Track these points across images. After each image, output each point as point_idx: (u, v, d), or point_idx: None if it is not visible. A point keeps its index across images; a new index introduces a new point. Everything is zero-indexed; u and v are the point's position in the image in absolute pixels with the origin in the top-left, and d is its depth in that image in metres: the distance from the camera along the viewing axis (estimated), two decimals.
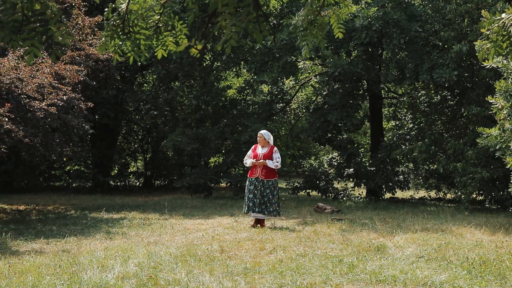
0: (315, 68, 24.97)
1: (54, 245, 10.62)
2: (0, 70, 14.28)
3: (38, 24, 3.67)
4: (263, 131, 13.33)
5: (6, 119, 13.24)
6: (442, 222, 13.55)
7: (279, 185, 13.77)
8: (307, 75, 26.14)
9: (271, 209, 12.94)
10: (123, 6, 4.23)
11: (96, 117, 26.39)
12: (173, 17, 4.26)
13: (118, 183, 30.57)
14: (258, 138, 13.29)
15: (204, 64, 23.29)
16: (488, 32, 5.76)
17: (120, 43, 4.44)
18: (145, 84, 29.72)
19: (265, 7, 23.45)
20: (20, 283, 6.99)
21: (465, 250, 9.32)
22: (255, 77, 21.71)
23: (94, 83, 20.29)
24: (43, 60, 16.55)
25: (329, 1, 5.54)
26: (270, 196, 12.94)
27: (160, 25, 4.35)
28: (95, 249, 9.95)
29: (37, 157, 19.41)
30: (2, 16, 3.53)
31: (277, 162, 12.99)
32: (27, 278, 7.21)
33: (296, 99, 29.92)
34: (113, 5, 4.53)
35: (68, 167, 32.37)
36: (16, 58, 15.19)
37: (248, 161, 13.18)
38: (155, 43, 4.49)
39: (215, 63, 24.22)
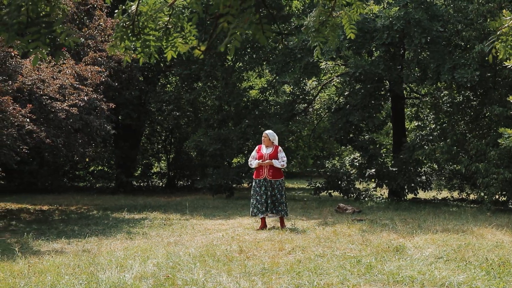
0: (337, 68, 24.92)
1: (75, 245, 10.72)
2: (22, 71, 14.41)
3: (43, 26, 3.71)
4: (268, 131, 13.17)
5: (28, 119, 13.37)
6: (463, 223, 13.46)
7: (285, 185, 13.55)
8: (330, 75, 26.09)
9: (280, 208, 12.86)
10: (133, 7, 4.26)
11: (119, 118, 26.57)
12: (182, 19, 4.28)
13: (142, 184, 30.73)
14: (262, 138, 13.13)
15: (226, 65, 23.30)
16: (498, 33, 5.74)
17: (130, 44, 4.48)
18: (168, 85, 29.83)
19: (287, 8, 23.49)
20: (39, 282, 7.06)
21: (485, 251, 9.26)
22: (277, 77, 21.71)
23: (116, 84, 20.41)
24: (64, 61, 16.70)
25: (341, 2, 5.54)
26: (278, 196, 12.83)
27: (170, 26, 4.38)
28: (115, 249, 10.02)
29: (60, 157, 19.54)
30: (7, 18, 3.58)
31: (283, 161, 12.89)
32: (46, 278, 7.28)
33: (318, 99, 29.88)
34: (124, 7, 4.58)
35: (92, 168, 32.61)
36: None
37: (253, 162, 13.00)
38: (164, 44, 4.52)
39: (237, 63, 24.25)
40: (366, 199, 21.06)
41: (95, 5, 19.62)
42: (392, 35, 17.70)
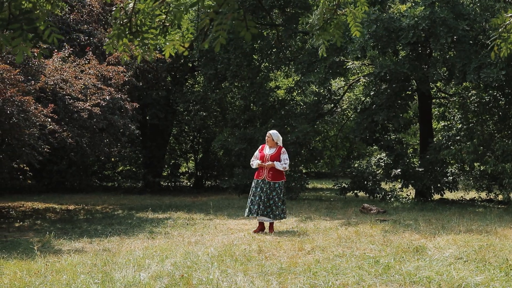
0: (364, 68, 24.81)
1: (96, 245, 10.78)
2: (45, 71, 14.53)
3: (25, 22, 3.72)
4: (272, 131, 12.78)
5: (49, 119, 13.47)
6: (488, 224, 13.31)
7: (285, 188, 13.01)
8: (358, 75, 25.97)
9: (277, 212, 12.39)
10: (130, 5, 4.26)
11: (147, 118, 26.72)
12: (179, 16, 4.26)
13: (169, 184, 30.85)
14: (266, 138, 12.74)
15: (252, 65, 23.29)
16: (500, 30, 5.66)
17: (128, 42, 4.47)
18: (195, 85, 29.93)
19: (314, 7, 23.37)
20: (55, 281, 7.10)
21: (506, 252, 9.13)
22: (302, 77, 21.67)
23: (140, 83, 20.51)
24: (86, 61, 16.82)
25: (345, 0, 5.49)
26: (276, 199, 12.37)
27: (167, 24, 4.36)
28: (135, 248, 10.05)
29: (85, 157, 19.69)
30: None
31: (285, 163, 12.47)
32: (62, 277, 7.32)
33: (346, 99, 29.78)
34: (121, 5, 4.58)
35: (120, 168, 32.83)
36: (60, 59, 15.45)
37: (254, 162, 12.66)
38: (162, 42, 4.50)
39: (263, 63, 24.25)
40: (392, 199, 20.90)
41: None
42: (417, 34, 17.57)
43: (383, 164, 21.94)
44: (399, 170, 20.99)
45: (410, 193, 22.66)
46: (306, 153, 24.29)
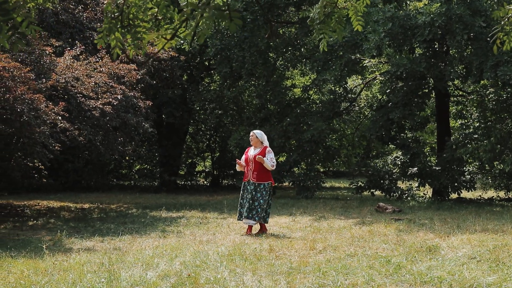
0: (380, 66, 24.65)
1: (108, 243, 10.74)
2: (56, 69, 14.52)
3: (1, 13, 3.65)
4: (256, 131, 12.25)
5: (60, 117, 13.44)
6: (504, 223, 13.12)
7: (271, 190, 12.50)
8: (376, 73, 25.80)
9: (262, 214, 11.97)
10: None
11: (163, 116, 26.73)
12: (171, 9, 4.15)
13: (186, 183, 30.86)
14: (250, 138, 12.23)
15: (268, 64, 23.18)
16: (502, 22, 5.52)
17: (121, 36, 4.38)
18: (211, 84, 29.91)
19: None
20: (61, 280, 7.04)
21: None
22: (318, 75, 21.56)
23: (154, 82, 20.47)
24: (98, 59, 16.80)
25: None
26: (261, 201, 11.89)
27: (160, 17, 4.27)
28: (145, 247, 9.99)
29: (100, 156, 19.70)
30: None
31: (273, 162, 11.90)
32: (68, 276, 7.26)
33: (365, 97, 29.61)
34: None
35: (137, 167, 32.90)
36: (72, 57, 15.43)
37: (240, 167, 12.32)
38: (155, 36, 4.40)
39: (278, 61, 24.16)
40: (408, 198, 20.72)
41: None
42: (433, 32, 17.39)
43: (399, 163, 21.76)
44: (415, 168, 20.80)
45: (427, 192, 22.43)
46: (323, 151, 24.16)
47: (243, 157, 12.26)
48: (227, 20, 3.67)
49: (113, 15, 4.24)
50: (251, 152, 12.09)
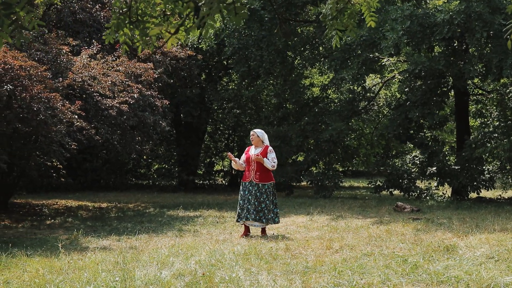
0: (399, 65, 24.51)
1: (124, 242, 10.73)
2: (73, 68, 14.55)
3: (2, 8, 3.62)
4: (256, 130, 11.86)
5: (76, 116, 13.46)
6: None
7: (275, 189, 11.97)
8: (395, 72, 25.64)
9: (269, 216, 11.47)
10: None
11: (181, 115, 26.76)
12: (180, 5, 4.09)
13: (204, 182, 30.86)
14: (251, 137, 11.83)
15: (286, 63, 23.12)
16: None
17: (129, 32, 4.34)
18: (230, 83, 29.90)
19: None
20: (76, 278, 7.03)
21: None
22: (335, 74, 21.48)
23: (172, 81, 20.47)
24: (115, 58, 16.82)
25: None
26: (268, 202, 11.43)
27: (168, 13, 4.23)
28: (161, 246, 9.98)
29: (118, 155, 19.73)
30: None
31: (274, 162, 11.53)
32: (83, 274, 7.25)
33: (383, 96, 29.48)
34: None
35: (156, 166, 32.97)
36: (88, 56, 15.45)
37: (235, 165, 11.98)
38: (164, 32, 4.34)
39: (296, 60, 24.09)
40: (427, 198, 20.56)
41: None
42: (452, 30, 17.25)
43: (418, 162, 21.61)
44: (434, 168, 20.65)
45: (446, 191, 22.25)
46: (341, 151, 24.07)
47: (243, 156, 11.88)
48: (232, 14, 3.62)
49: (121, 11, 4.20)
50: (252, 151, 11.72)
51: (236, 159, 11.77)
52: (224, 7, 3.54)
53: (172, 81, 20.72)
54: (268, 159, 11.47)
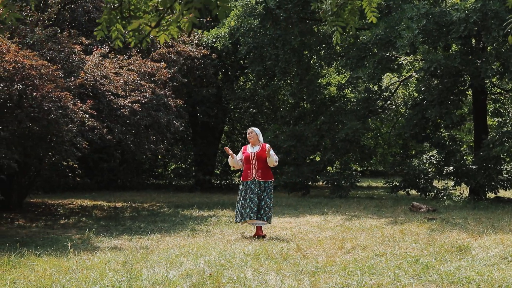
0: (416, 64, 24.33)
1: (136, 242, 10.69)
2: (85, 67, 14.54)
3: None
4: (254, 128, 11.71)
5: (87, 115, 13.44)
6: None
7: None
8: (411, 71, 25.45)
9: (269, 214, 11.35)
10: None
11: (198, 115, 26.76)
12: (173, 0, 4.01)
13: (221, 182, 30.82)
14: (249, 135, 11.57)
15: (302, 62, 23.00)
16: None
17: (122, 28, 4.26)
18: (247, 82, 29.87)
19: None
20: (83, 278, 6.99)
21: None
22: (351, 73, 21.36)
23: (186, 80, 20.44)
24: (126, 57, 16.81)
25: None
26: (268, 200, 11.32)
27: (161, 8, 4.16)
28: (172, 246, 9.93)
29: (133, 155, 19.74)
30: None
31: (276, 157, 11.48)
32: (90, 274, 7.21)
33: (401, 96, 29.28)
34: None
35: (173, 166, 33.00)
36: (100, 55, 15.44)
37: (230, 160, 11.78)
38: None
39: (312, 59, 23.98)
40: (444, 198, 20.37)
41: None
42: (469, 28, 17.07)
43: (435, 162, 21.41)
44: (451, 167, 20.45)
45: (464, 191, 22.03)
46: (358, 150, 23.95)
47: (240, 155, 11.63)
48: (214, 6, 3.54)
49: (112, 6, 4.14)
50: (250, 149, 11.51)
51: (234, 154, 11.57)
52: (205, 1, 3.47)
53: (186, 80, 20.68)
54: (274, 155, 11.39)
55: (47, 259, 8.53)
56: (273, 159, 11.32)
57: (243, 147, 11.81)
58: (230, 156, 11.62)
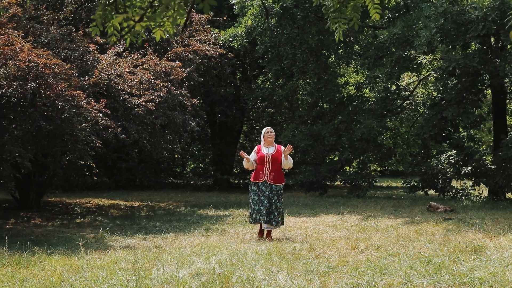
0: (434, 63, 24.15)
1: (149, 241, 10.69)
2: (99, 66, 14.55)
3: None
4: (271, 128, 11.52)
5: (100, 114, 13.44)
6: None
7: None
8: (430, 70, 25.26)
9: (279, 218, 11.12)
10: None
11: (217, 115, 26.76)
12: None
13: (240, 181, 30.79)
14: (269, 133, 11.29)
15: (319, 61, 22.91)
16: None
17: (117, 24, 4.20)
18: (265, 82, 29.84)
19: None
20: (92, 277, 6.97)
21: None
22: (368, 72, 21.25)
23: (202, 79, 20.42)
24: (140, 56, 16.81)
25: None
26: (278, 204, 11.10)
27: (156, 4, 4.10)
28: (185, 245, 9.91)
29: (151, 155, 19.77)
30: None
31: (291, 161, 11.38)
32: (100, 273, 7.19)
33: (421, 95, 29.08)
34: None
35: (192, 165, 33.02)
36: (115, 54, 15.45)
37: (248, 164, 11.36)
38: (152, 24, 4.20)
39: (330, 58, 23.89)
40: (462, 198, 20.19)
41: None
42: (487, 27, 16.90)
43: (453, 161, 21.20)
44: (469, 168, 20.25)
45: (483, 191, 21.83)
46: (375, 150, 23.81)
47: (254, 155, 11.32)
48: (199, 1, 3.50)
49: (108, 1, 4.10)
50: (265, 150, 11.24)
51: (249, 157, 11.31)
52: None
53: (202, 79, 20.66)
54: (290, 158, 11.27)
55: (58, 258, 8.54)
56: (290, 162, 11.20)
57: (256, 147, 11.52)
58: (245, 159, 11.34)
